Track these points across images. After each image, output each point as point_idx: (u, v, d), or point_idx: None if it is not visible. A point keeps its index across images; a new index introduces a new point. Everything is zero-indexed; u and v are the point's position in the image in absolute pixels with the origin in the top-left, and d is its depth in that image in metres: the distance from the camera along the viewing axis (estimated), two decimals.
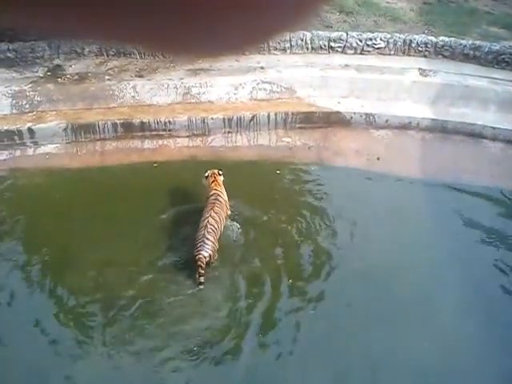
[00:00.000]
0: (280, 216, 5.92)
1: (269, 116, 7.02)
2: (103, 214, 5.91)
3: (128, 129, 6.88)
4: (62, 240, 5.60)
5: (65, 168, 6.61)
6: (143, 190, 6.21)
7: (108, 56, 7.78)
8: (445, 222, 6.00)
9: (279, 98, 7.29)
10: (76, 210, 5.94)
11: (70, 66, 7.65)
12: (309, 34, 7.87)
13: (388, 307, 4.94)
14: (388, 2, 8.98)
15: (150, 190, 6.19)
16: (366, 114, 7.08)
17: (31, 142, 6.83)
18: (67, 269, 5.33)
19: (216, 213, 5.46)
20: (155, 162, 6.66)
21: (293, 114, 7.05)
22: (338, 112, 7.09)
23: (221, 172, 5.81)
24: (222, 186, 5.72)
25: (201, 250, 5.24)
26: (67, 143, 6.91)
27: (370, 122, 7.11)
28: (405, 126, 7.11)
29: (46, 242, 5.63)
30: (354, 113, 7.09)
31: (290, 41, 7.89)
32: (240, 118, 6.98)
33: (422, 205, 6.27)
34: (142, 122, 6.88)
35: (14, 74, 7.42)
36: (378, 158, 6.75)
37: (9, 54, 7.48)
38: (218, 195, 5.63)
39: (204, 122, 6.94)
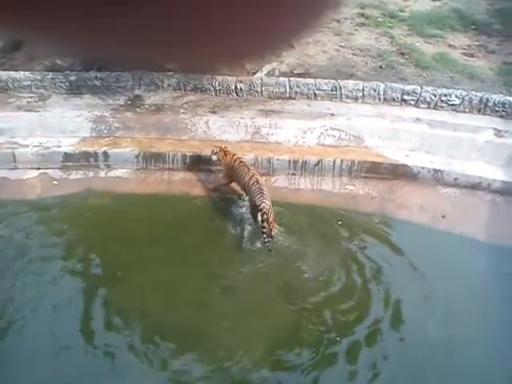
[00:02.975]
0: (335, 265, 5.85)
1: (334, 162, 7.03)
2: (163, 240, 6.10)
3: (196, 161, 7.10)
4: (119, 261, 5.81)
5: (132, 193, 6.88)
6: (203, 220, 6.41)
7: (185, 91, 8.13)
8: (509, 290, 5.68)
9: (347, 146, 7.29)
10: (137, 233, 6.17)
11: (149, 97, 8.06)
12: (382, 85, 7.90)
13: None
14: (466, 60, 8.87)
15: (209, 222, 6.37)
16: (435, 170, 6.93)
17: (104, 165, 7.19)
18: (119, 289, 5.51)
19: (253, 171, 6.26)
20: (195, 198, 6.82)
21: (359, 162, 7.02)
22: (406, 165, 6.99)
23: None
24: None
25: (264, 199, 5.72)
26: (137, 169, 7.21)
27: (438, 178, 6.94)
28: (474, 186, 6.88)
29: (104, 261, 5.87)
30: (422, 167, 6.96)
31: (363, 90, 7.94)
32: (305, 162, 7.03)
33: (485, 269, 5.99)
34: (210, 156, 7.08)
35: (97, 101, 7.91)
36: (444, 216, 6.55)
37: (96, 82, 8.01)
38: (240, 159, 6.43)
39: (269, 162, 7.04)
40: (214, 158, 6.70)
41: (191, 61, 0.39)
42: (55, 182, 7.00)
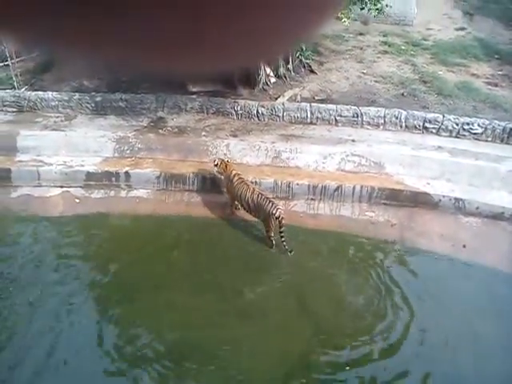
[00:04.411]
0: (354, 293, 5.79)
1: (354, 188, 7.01)
2: (179, 261, 6.14)
3: (215, 184, 7.15)
4: (135, 279, 5.84)
5: (152, 213, 6.94)
6: (220, 242, 6.45)
7: (208, 114, 8.26)
8: None
9: (367, 172, 7.27)
10: (154, 253, 6.23)
11: (172, 119, 8.20)
12: (404, 113, 7.90)
13: None
14: (490, 89, 8.83)
15: (226, 244, 6.41)
16: (456, 199, 6.85)
17: (126, 185, 7.30)
18: (135, 308, 5.52)
19: (252, 186, 6.48)
20: (213, 220, 6.85)
21: (379, 189, 6.98)
22: (427, 193, 6.93)
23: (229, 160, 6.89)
24: None
25: (277, 207, 6.05)
26: (158, 190, 7.29)
27: (459, 207, 6.86)
28: (496, 216, 6.76)
29: (120, 279, 5.90)
30: (443, 196, 6.89)
31: (384, 117, 7.94)
32: (325, 187, 7.02)
33: (506, 301, 5.84)
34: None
35: (121, 122, 8.08)
36: (464, 246, 6.45)
37: (120, 104, 8.19)
38: (239, 174, 6.62)
39: (289, 187, 7.05)
40: (216, 169, 6.85)
41: (192, 62, 0.40)
42: (77, 201, 7.12)
